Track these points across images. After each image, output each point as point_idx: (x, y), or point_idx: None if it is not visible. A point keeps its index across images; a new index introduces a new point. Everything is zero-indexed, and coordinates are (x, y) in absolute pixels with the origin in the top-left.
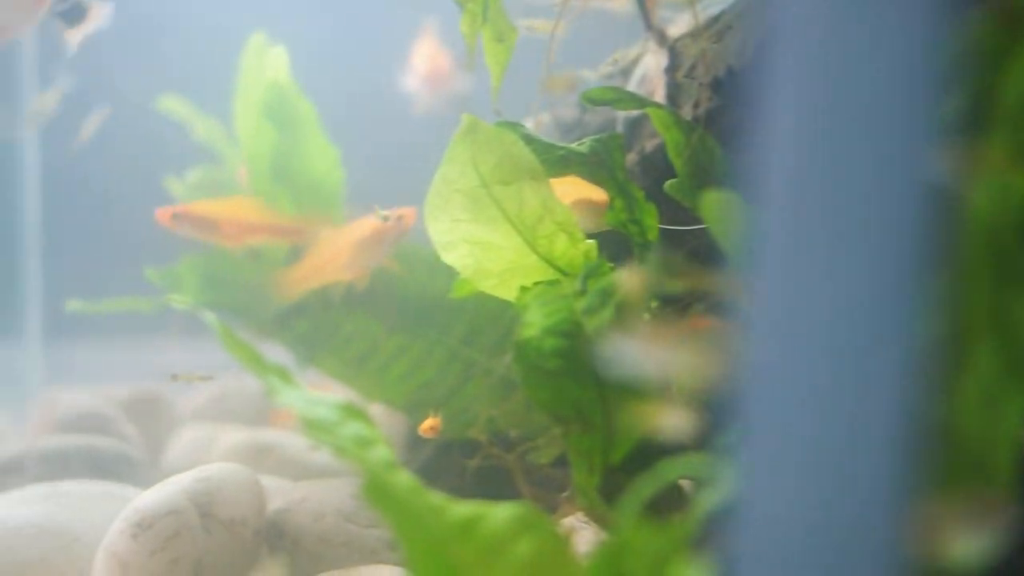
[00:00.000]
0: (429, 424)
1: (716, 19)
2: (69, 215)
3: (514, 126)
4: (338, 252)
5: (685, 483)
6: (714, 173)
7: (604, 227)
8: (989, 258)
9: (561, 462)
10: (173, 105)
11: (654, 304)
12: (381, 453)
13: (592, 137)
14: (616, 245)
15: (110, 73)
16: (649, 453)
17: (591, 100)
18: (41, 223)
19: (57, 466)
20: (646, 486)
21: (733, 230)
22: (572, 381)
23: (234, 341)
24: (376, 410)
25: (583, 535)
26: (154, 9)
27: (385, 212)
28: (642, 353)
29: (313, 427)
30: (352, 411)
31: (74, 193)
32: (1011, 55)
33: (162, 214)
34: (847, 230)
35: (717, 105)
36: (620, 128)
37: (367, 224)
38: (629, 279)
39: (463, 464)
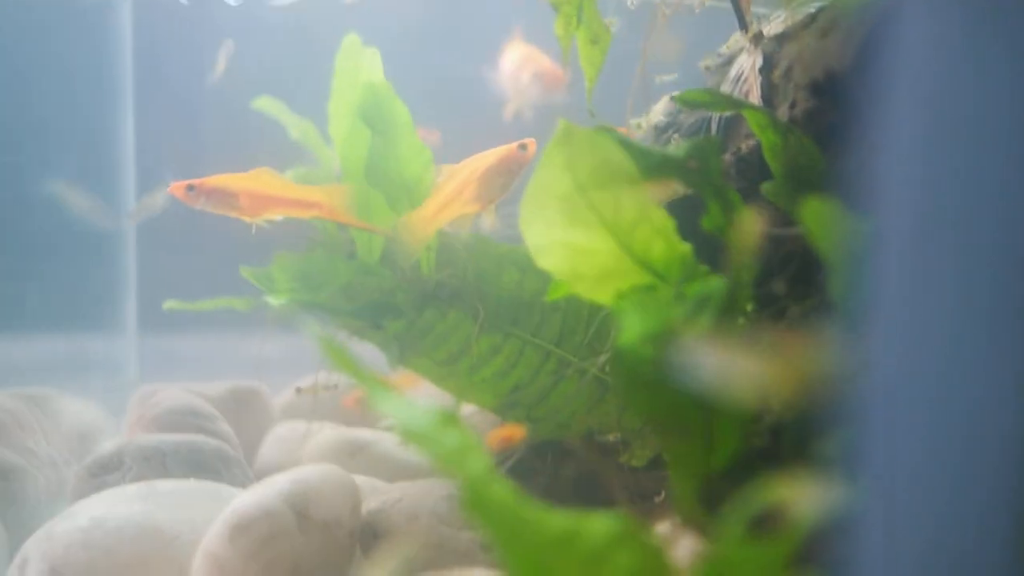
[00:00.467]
0: (505, 433)
1: (813, 18)
2: (165, 209)
3: (610, 131)
4: (464, 184)
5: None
6: (813, 176)
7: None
8: None
9: (654, 464)
10: (268, 105)
11: (750, 307)
12: (479, 462)
13: (688, 141)
14: (713, 249)
15: (208, 72)
16: (750, 461)
17: (686, 102)
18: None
19: (155, 464)
20: (752, 501)
21: (838, 238)
22: (670, 388)
23: (334, 348)
24: (467, 410)
25: (681, 543)
26: (249, 9)
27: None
28: (737, 364)
29: (412, 436)
30: (449, 419)
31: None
32: None
33: (176, 187)
34: (972, 239)
35: (815, 107)
36: (715, 128)
37: (492, 153)
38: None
39: (555, 466)
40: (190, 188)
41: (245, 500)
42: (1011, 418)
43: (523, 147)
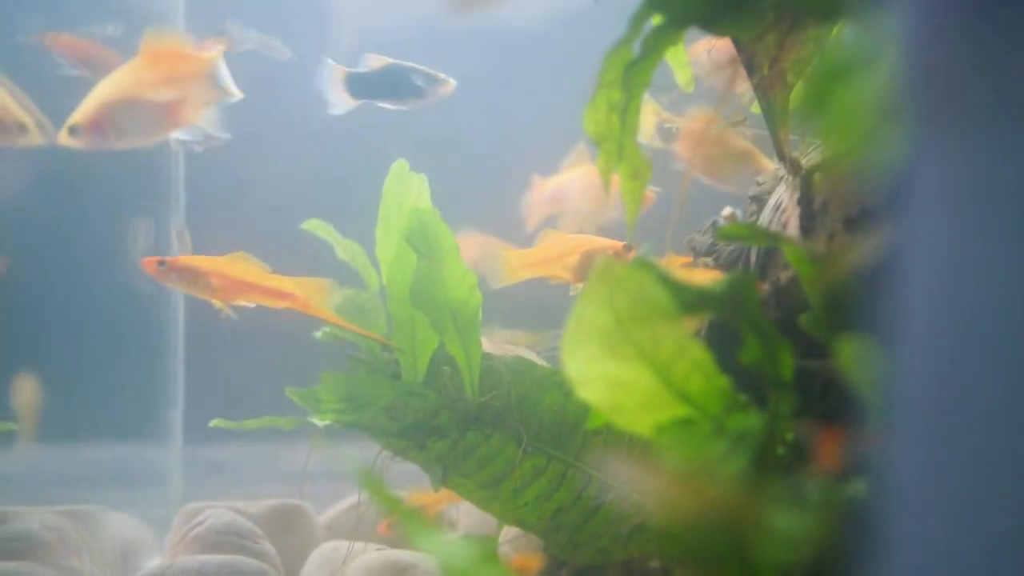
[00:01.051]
0: (519, 563)
1: None
2: (215, 324)
3: (650, 265)
4: (566, 253)
5: None
6: (851, 311)
7: None
8: None
9: None
10: (317, 227)
11: (790, 437)
12: None
13: (726, 276)
14: (752, 382)
15: (259, 190)
16: None
17: (726, 236)
18: (185, 327)
19: None
20: None
21: (871, 379)
22: (708, 526)
23: (378, 488)
24: (510, 533)
25: None
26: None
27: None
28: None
29: (452, 573)
30: (488, 555)
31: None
32: None
33: (148, 262)
34: (997, 395)
35: (852, 241)
36: (754, 256)
37: (600, 240)
38: None
39: None
40: (161, 264)
41: None
42: None
43: (628, 248)
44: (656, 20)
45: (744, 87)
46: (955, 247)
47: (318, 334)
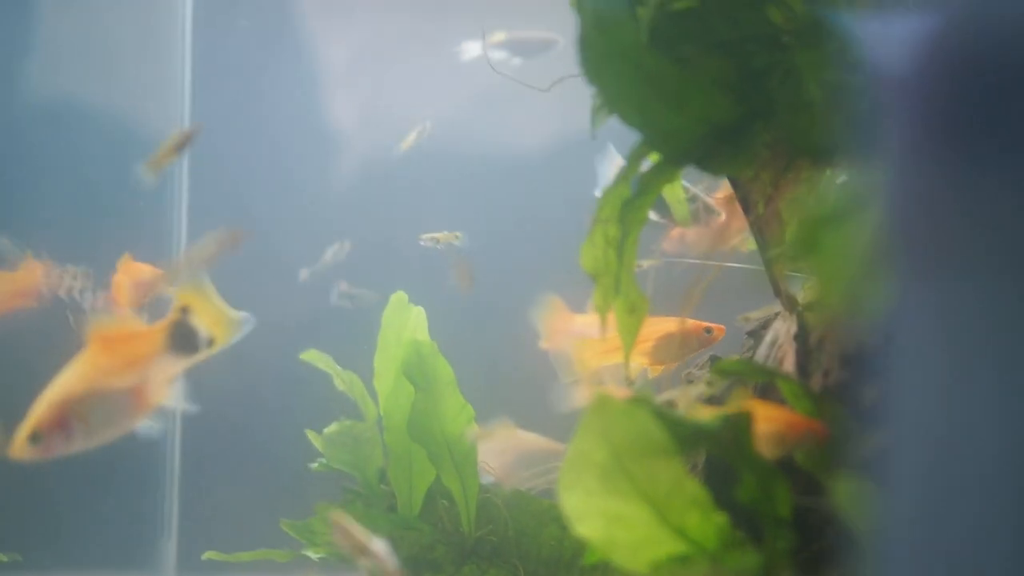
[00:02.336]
0: None
1: None
2: (210, 453)
3: (645, 400)
4: (644, 339)
5: None
6: (845, 449)
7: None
8: None
9: None
10: (315, 357)
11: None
12: None
13: (723, 415)
14: (749, 520)
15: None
16: None
17: (723, 372)
18: (181, 458)
19: None
20: None
21: (866, 518)
22: None
23: None
24: None
25: None
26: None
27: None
28: None
29: None
30: None
31: (216, 432)
32: None
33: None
34: (983, 538)
35: (847, 378)
36: (752, 393)
37: (681, 322)
38: None
39: None
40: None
41: None
42: None
43: (709, 331)
44: (653, 158)
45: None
46: (940, 389)
47: (314, 465)
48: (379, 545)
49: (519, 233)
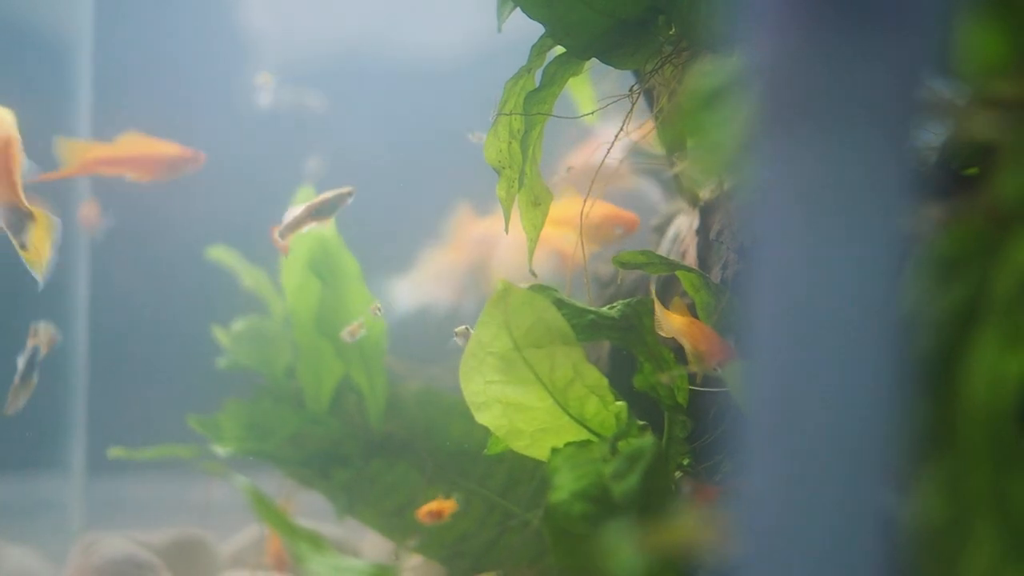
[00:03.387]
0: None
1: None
2: (117, 351)
3: (546, 290)
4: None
5: None
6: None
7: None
8: (987, 443)
9: None
10: (222, 255)
11: (687, 462)
12: None
13: (623, 302)
14: (647, 407)
15: (165, 217)
16: None
17: (623, 264)
18: (88, 357)
19: None
20: None
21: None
22: (601, 548)
23: (265, 506)
24: (414, 561)
25: None
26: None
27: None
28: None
29: None
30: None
31: (122, 330)
32: (1001, 248)
33: None
34: (832, 392)
35: (744, 269)
36: (653, 286)
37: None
38: None
39: None
40: None
41: None
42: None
43: (624, 219)
44: (558, 50)
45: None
46: (803, 253)
47: (221, 362)
48: None
49: (433, 141)
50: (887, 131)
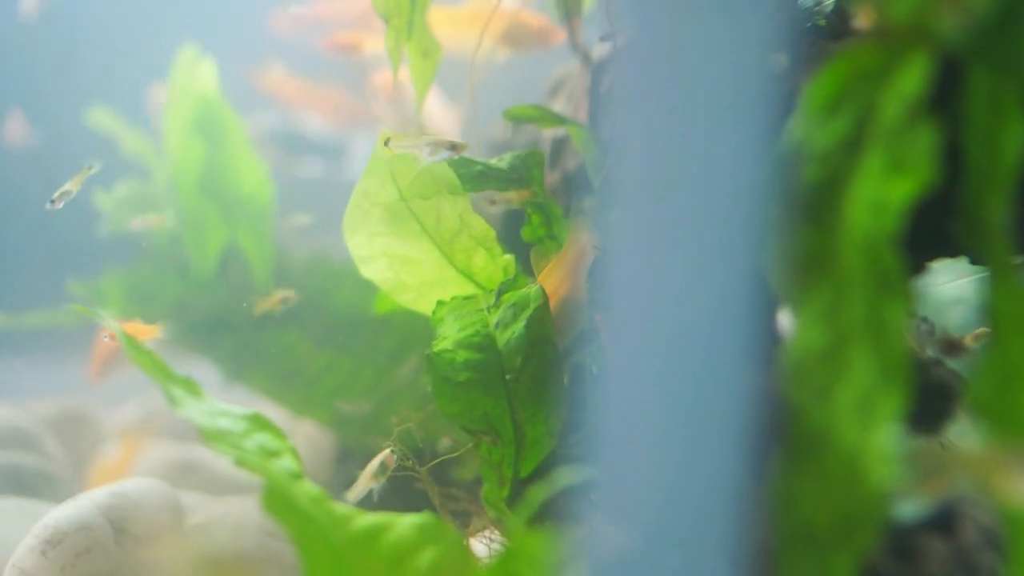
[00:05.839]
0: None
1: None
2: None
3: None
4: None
5: None
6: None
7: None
8: (865, 269)
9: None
10: (102, 118)
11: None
12: (286, 464)
13: (512, 154)
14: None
15: (39, 83)
16: (557, 465)
17: (514, 117)
18: None
19: None
20: (538, 494)
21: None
22: (483, 393)
23: (136, 348)
24: (305, 426)
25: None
26: (83, 15)
27: None
28: None
29: (214, 438)
30: (259, 422)
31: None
32: (888, 75)
33: None
34: (695, 233)
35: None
36: (546, 147)
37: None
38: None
39: (389, 481)
40: None
41: (59, 513)
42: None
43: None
44: None
45: None
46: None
47: (101, 229)
48: None
49: None
50: None
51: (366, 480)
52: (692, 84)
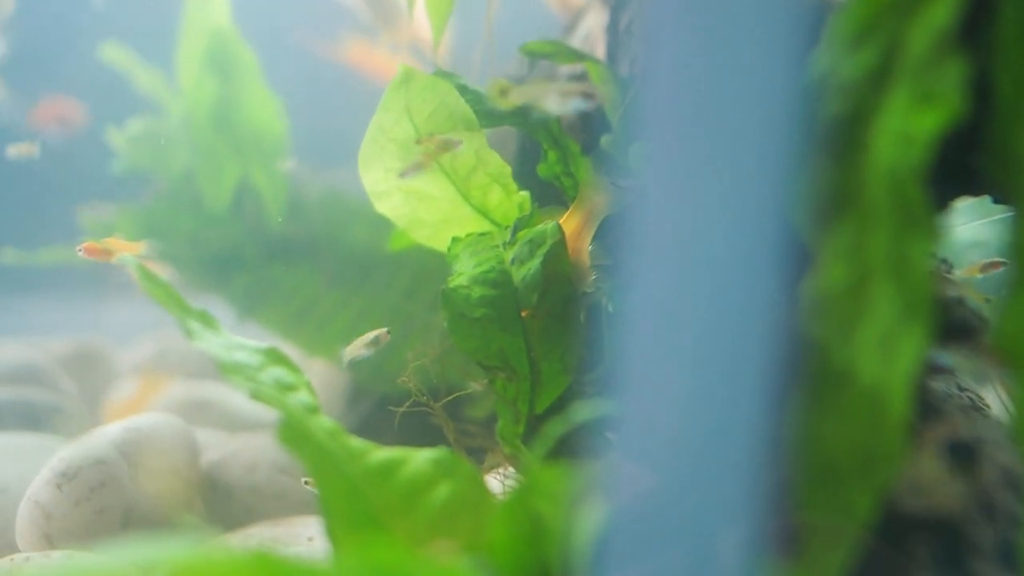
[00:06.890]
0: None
1: None
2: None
3: (449, 76)
4: None
5: None
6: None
7: None
8: (890, 204)
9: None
10: (115, 54)
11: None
12: (302, 397)
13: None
14: (551, 197)
15: (52, 20)
16: (572, 402)
17: (530, 52)
18: None
19: None
20: (554, 429)
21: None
22: (499, 329)
23: (154, 282)
24: (318, 365)
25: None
26: None
27: None
28: None
29: (231, 371)
30: (275, 356)
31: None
32: (916, 4)
33: None
34: (724, 179)
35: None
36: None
37: None
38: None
39: (402, 419)
40: None
41: (74, 448)
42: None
43: None
44: None
45: None
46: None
47: (116, 166)
48: None
49: None
50: None
51: (358, 346)
52: (718, 14)
